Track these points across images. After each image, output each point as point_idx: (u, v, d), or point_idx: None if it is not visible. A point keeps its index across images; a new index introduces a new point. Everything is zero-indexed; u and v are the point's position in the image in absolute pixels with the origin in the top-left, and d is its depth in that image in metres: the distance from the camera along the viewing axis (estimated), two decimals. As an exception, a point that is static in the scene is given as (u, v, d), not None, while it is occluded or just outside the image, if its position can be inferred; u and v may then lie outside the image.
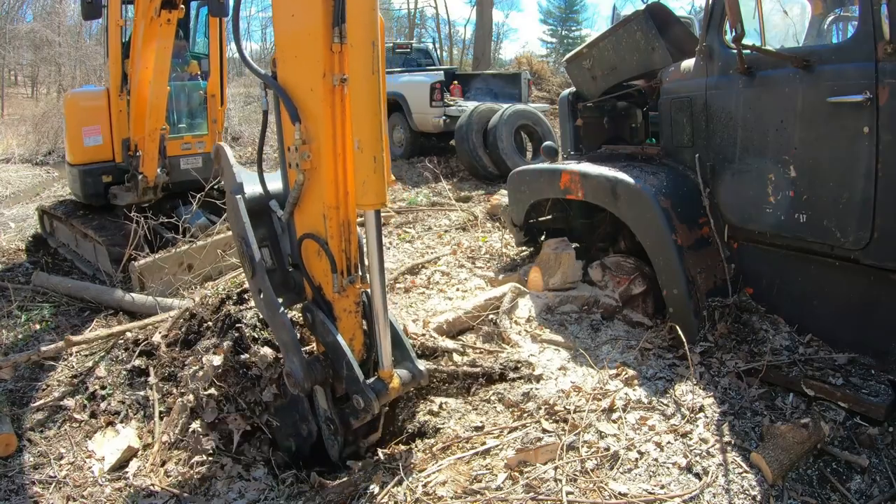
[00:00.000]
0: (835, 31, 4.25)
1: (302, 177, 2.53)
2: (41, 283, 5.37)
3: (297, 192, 2.58)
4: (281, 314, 2.65)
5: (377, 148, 2.30)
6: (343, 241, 2.64)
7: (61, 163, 13.42)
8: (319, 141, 2.48)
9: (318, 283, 2.72)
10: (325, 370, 2.72)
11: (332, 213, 2.56)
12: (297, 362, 2.63)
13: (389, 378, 2.61)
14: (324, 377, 2.73)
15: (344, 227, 2.62)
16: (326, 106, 2.43)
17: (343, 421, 2.80)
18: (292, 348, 2.64)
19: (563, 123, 5.07)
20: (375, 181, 2.31)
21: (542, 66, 18.22)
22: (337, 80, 2.42)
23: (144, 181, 5.64)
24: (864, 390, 2.82)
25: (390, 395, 2.62)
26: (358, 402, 2.57)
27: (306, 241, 2.67)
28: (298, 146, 2.48)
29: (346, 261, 2.68)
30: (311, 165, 2.51)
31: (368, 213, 2.42)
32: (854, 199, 2.89)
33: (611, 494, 2.41)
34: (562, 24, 45.56)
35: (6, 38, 27.90)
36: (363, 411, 2.58)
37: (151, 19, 4.95)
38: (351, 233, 2.66)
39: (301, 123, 2.48)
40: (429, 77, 10.92)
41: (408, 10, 32.85)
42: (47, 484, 2.89)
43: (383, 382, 2.58)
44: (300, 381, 2.65)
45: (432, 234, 6.67)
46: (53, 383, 3.72)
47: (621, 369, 3.21)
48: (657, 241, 3.59)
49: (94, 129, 5.90)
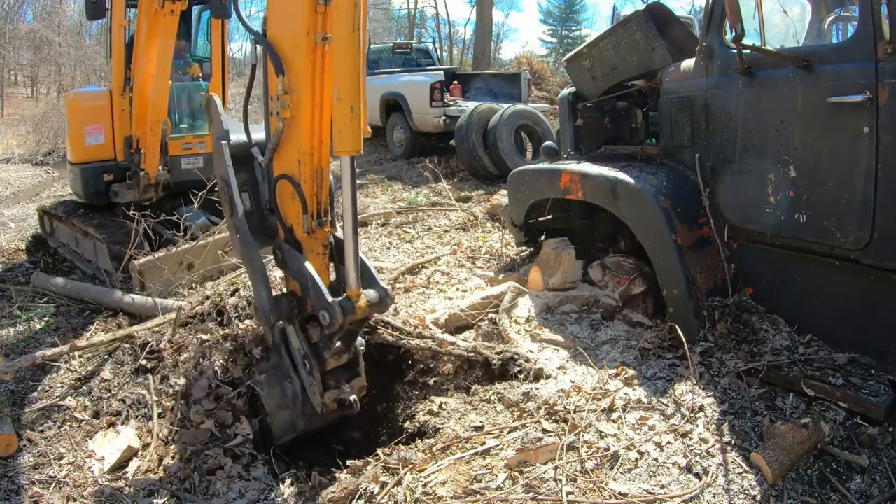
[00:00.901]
0: (835, 31, 4.25)
1: (282, 125, 2.76)
2: (40, 284, 5.36)
3: (277, 139, 2.80)
4: (254, 251, 2.84)
5: (355, 99, 2.47)
6: (315, 185, 2.84)
7: (61, 163, 13.43)
8: (300, 92, 2.70)
9: (289, 224, 2.92)
10: (290, 305, 2.88)
11: (307, 159, 2.79)
12: (264, 297, 2.79)
13: (357, 297, 2.69)
14: (289, 312, 2.88)
15: (317, 173, 2.83)
16: (308, 61, 2.65)
17: (317, 356, 2.86)
18: (261, 284, 2.81)
19: (563, 123, 5.07)
20: (351, 129, 2.49)
21: (542, 66, 18.22)
22: (319, 38, 2.62)
23: (146, 178, 5.64)
24: (864, 390, 2.82)
25: (357, 314, 2.68)
26: (324, 317, 2.65)
27: (282, 181, 2.86)
28: (280, 96, 2.70)
29: (317, 204, 2.87)
30: (290, 114, 2.73)
31: (344, 158, 2.57)
32: (854, 199, 2.89)
33: (611, 494, 2.41)
34: (562, 24, 45.56)
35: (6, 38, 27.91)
36: (329, 327, 2.66)
37: (155, 12, 4.97)
38: (323, 179, 2.86)
39: (284, 76, 2.70)
40: (429, 77, 10.92)
41: (408, 10, 32.86)
42: (47, 484, 2.89)
43: (350, 301, 2.67)
44: (267, 314, 2.79)
45: (432, 234, 6.67)
46: (55, 384, 3.72)
47: (621, 369, 3.21)
48: (657, 241, 3.59)
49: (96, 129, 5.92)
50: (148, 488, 2.82)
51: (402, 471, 2.67)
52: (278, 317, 2.84)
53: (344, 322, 2.63)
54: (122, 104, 5.79)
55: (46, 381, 3.73)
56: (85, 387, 3.66)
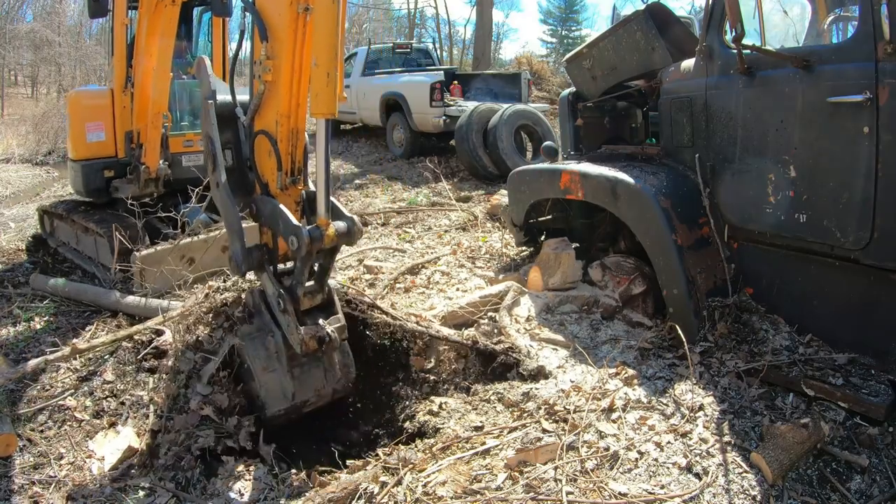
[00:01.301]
0: (835, 31, 4.25)
1: (263, 87, 2.96)
2: (39, 285, 5.36)
3: (258, 100, 3.00)
4: (232, 204, 3.02)
5: (331, 66, 2.66)
6: (290, 145, 3.04)
7: (61, 163, 13.43)
8: (280, 58, 2.90)
9: (265, 180, 3.12)
10: (262, 256, 3.07)
11: (284, 120, 2.99)
12: (238, 247, 2.99)
13: (326, 226, 2.83)
14: (260, 261, 3.06)
15: (293, 134, 3.02)
16: (290, 30, 2.84)
17: (291, 294, 2.98)
18: (236, 234, 2.99)
19: (563, 123, 5.07)
20: (327, 94, 2.69)
21: (542, 66, 18.20)
22: (301, 9, 2.79)
23: (146, 172, 5.64)
24: (864, 390, 2.82)
25: (325, 242, 2.81)
26: (293, 242, 2.79)
27: (260, 137, 3.05)
28: (263, 61, 2.90)
29: (292, 163, 3.06)
30: (271, 78, 2.93)
31: (320, 120, 2.77)
32: (854, 199, 2.89)
33: (611, 494, 2.41)
34: (562, 24, 45.58)
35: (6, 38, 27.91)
36: (298, 251, 2.79)
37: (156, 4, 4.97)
38: (298, 139, 3.05)
39: (268, 42, 2.89)
40: (429, 77, 10.92)
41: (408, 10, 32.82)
42: (47, 484, 2.89)
43: (319, 229, 2.81)
44: (239, 262, 2.99)
45: (432, 234, 6.67)
46: (55, 384, 3.72)
47: (621, 369, 3.21)
48: (657, 241, 3.59)
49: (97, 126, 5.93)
50: (148, 488, 2.82)
51: (402, 471, 2.67)
52: (249, 266, 3.02)
53: (312, 247, 2.76)
54: (123, 101, 5.79)
55: (46, 381, 3.73)
56: (85, 386, 3.66)
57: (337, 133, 14.42)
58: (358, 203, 8.49)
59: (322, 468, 3.02)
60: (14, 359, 4.10)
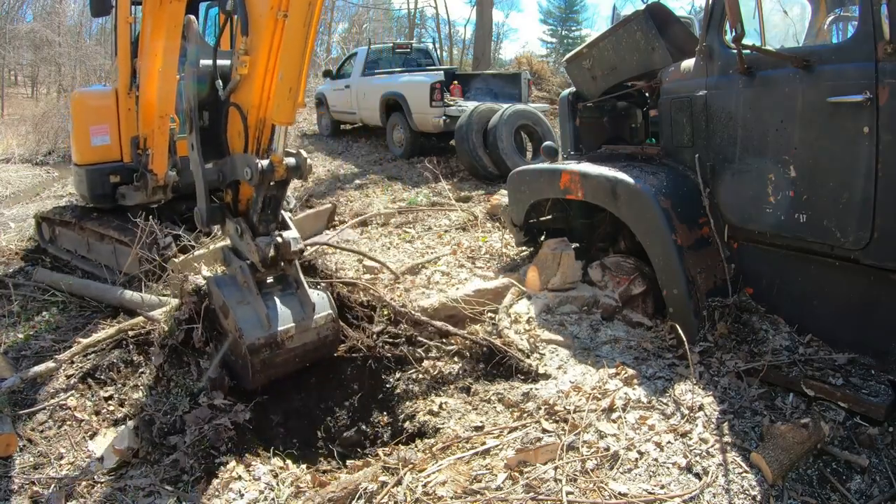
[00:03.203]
0: (835, 31, 4.25)
1: (238, 77, 3.21)
2: (43, 278, 5.32)
3: (233, 86, 3.29)
4: (202, 165, 3.35)
5: (294, 82, 2.95)
6: (258, 131, 3.32)
7: (61, 163, 13.43)
8: (256, 55, 3.12)
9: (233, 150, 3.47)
10: (223, 211, 3.48)
11: (254, 111, 3.28)
12: (204, 205, 3.41)
13: (279, 163, 3.17)
14: (222, 216, 3.48)
15: (260, 122, 3.29)
16: (268, 31, 3.06)
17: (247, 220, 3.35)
18: (203, 195, 3.39)
19: (563, 123, 5.07)
20: (287, 106, 3.01)
21: (542, 66, 18.18)
22: (280, 15, 3.00)
23: (154, 180, 5.42)
24: (864, 390, 2.82)
25: (276, 175, 3.17)
26: (247, 172, 3.15)
27: (232, 110, 3.38)
28: (241, 55, 3.13)
29: (258, 146, 3.34)
30: (246, 72, 3.16)
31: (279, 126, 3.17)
32: (854, 199, 2.89)
33: (611, 494, 2.41)
34: (562, 24, 45.57)
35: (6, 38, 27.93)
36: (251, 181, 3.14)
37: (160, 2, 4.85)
38: (265, 127, 3.30)
39: (248, 37, 3.11)
40: (429, 77, 10.91)
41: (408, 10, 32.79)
42: (47, 484, 2.89)
43: (272, 164, 3.15)
44: (204, 219, 3.43)
45: (432, 234, 6.67)
46: (55, 384, 3.72)
47: (621, 369, 3.21)
48: (657, 241, 3.59)
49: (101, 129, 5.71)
50: (148, 488, 2.82)
51: (402, 471, 2.67)
52: (213, 220, 3.44)
53: (264, 178, 3.12)
54: (128, 103, 5.58)
55: (46, 380, 3.73)
56: (86, 386, 3.66)
57: (337, 133, 14.44)
58: (358, 203, 8.49)
59: (322, 468, 3.02)
60: (14, 357, 4.10)
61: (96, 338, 3.99)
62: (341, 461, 3.11)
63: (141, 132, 5.48)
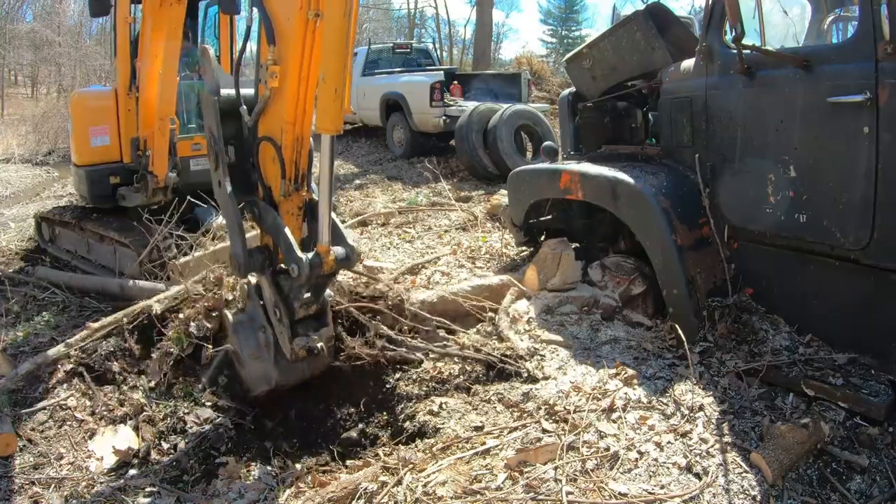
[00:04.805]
0: (835, 31, 4.25)
1: (268, 92, 2.87)
2: (43, 276, 5.33)
3: (263, 105, 2.94)
4: (233, 205, 2.98)
5: (339, 82, 2.61)
6: (295, 152, 2.99)
7: (61, 163, 13.42)
8: (287, 64, 2.81)
9: (269, 184, 3.08)
10: (263, 259, 3.06)
11: (290, 127, 2.92)
12: (239, 248, 2.98)
13: (326, 253, 2.84)
14: (262, 264, 3.06)
15: (297, 142, 2.97)
16: (299, 35, 2.75)
17: (287, 305, 3.01)
18: (237, 236, 2.99)
19: (563, 123, 5.06)
20: (334, 110, 2.64)
21: (542, 66, 18.17)
22: (311, 15, 2.71)
23: (154, 181, 5.41)
24: (864, 390, 2.82)
25: (324, 268, 2.85)
26: (293, 269, 2.81)
27: (264, 143, 3.01)
28: (269, 65, 2.82)
29: (296, 170, 3.03)
30: (277, 84, 2.84)
31: (325, 136, 2.72)
32: (854, 199, 2.89)
33: (611, 494, 2.41)
34: (562, 24, 45.59)
35: (6, 38, 27.93)
36: (297, 279, 2.83)
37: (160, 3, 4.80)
38: (303, 147, 3.00)
39: (275, 46, 2.80)
40: (429, 77, 10.91)
41: (408, 10, 32.85)
42: (47, 484, 2.89)
43: (319, 256, 2.83)
44: (241, 265, 2.99)
45: (432, 234, 6.66)
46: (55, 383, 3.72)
47: (621, 369, 3.21)
48: (657, 242, 3.59)
49: (101, 129, 5.70)
50: (148, 488, 2.82)
51: (402, 471, 2.67)
52: (251, 267, 3.02)
53: (311, 274, 2.79)
54: (128, 104, 5.57)
55: (47, 380, 3.72)
56: (84, 385, 3.66)
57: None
58: (358, 203, 8.49)
59: (322, 468, 3.02)
60: (13, 353, 4.09)
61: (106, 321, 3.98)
62: (341, 461, 3.11)
63: (141, 134, 5.46)
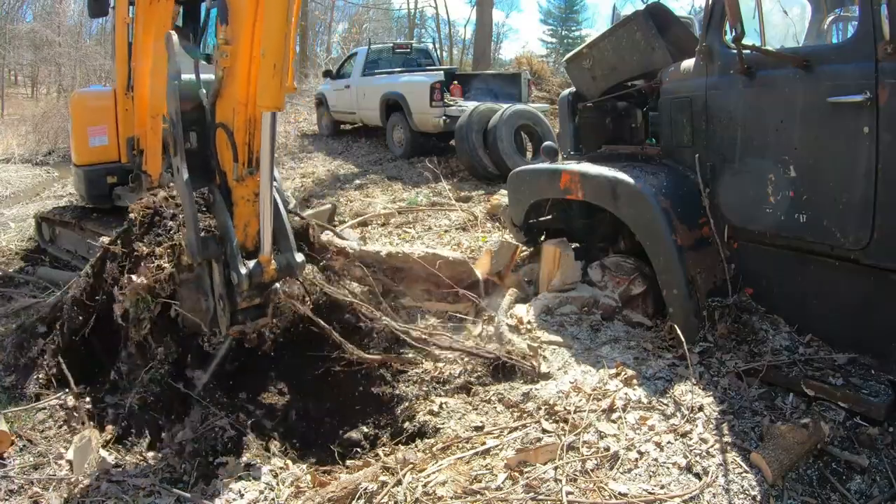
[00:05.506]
0: (835, 31, 4.25)
1: (221, 73, 2.83)
2: (44, 275, 5.34)
3: (217, 86, 2.89)
4: (189, 192, 2.89)
5: (278, 57, 2.60)
6: (247, 134, 2.91)
7: (61, 163, 13.42)
8: (238, 43, 2.77)
9: (224, 169, 2.99)
10: (217, 248, 2.99)
11: (241, 108, 2.86)
12: (193, 237, 2.92)
13: (267, 263, 2.87)
14: (216, 254, 2.99)
15: (249, 123, 2.89)
16: (248, 13, 2.72)
17: (230, 299, 2.99)
18: (192, 223, 2.91)
19: (563, 123, 5.06)
20: (273, 86, 2.62)
21: (542, 66, 18.16)
22: None
23: (148, 181, 5.42)
24: (864, 390, 2.82)
25: (264, 279, 2.88)
26: (234, 277, 2.84)
27: (219, 129, 2.95)
28: (221, 45, 2.78)
29: (249, 153, 2.95)
30: (228, 64, 2.80)
31: (265, 114, 2.69)
32: (854, 199, 2.89)
33: (611, 494, 2.41)
34: (562, 24, 45.59)
35: (6, 38, 27.93)
36: (238, 287, 2.85)
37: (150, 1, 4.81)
38: (255, 129, 2.91)
39: (228, 25, 2.76)
40: (429, 77, 10.91)
41: (408, 10, 32.83)
42: (47, 484, 2.89)
43: (260, 266, 2.86)
44: (194, 252, 2.95)
45: (432, 234, 6.67)
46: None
47: (621, 369, 3.21)
48: (657, 242, 3.59)
49: (100, 130, 5.73)
50: (148, 488, 2.82)
51: (402, 471, 2.67)
52: (204, 255, 3.00)
53: (251, 283, 2.84)
54: (125, 104, 5.59)
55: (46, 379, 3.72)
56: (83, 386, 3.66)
57: (337, 133, 14.44)
58: (358, 203, 8.49)
59: (322, 468, 3.02)
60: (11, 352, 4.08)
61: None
62: (341, 461, 3.11)
63: (136, 132, 5.49)
